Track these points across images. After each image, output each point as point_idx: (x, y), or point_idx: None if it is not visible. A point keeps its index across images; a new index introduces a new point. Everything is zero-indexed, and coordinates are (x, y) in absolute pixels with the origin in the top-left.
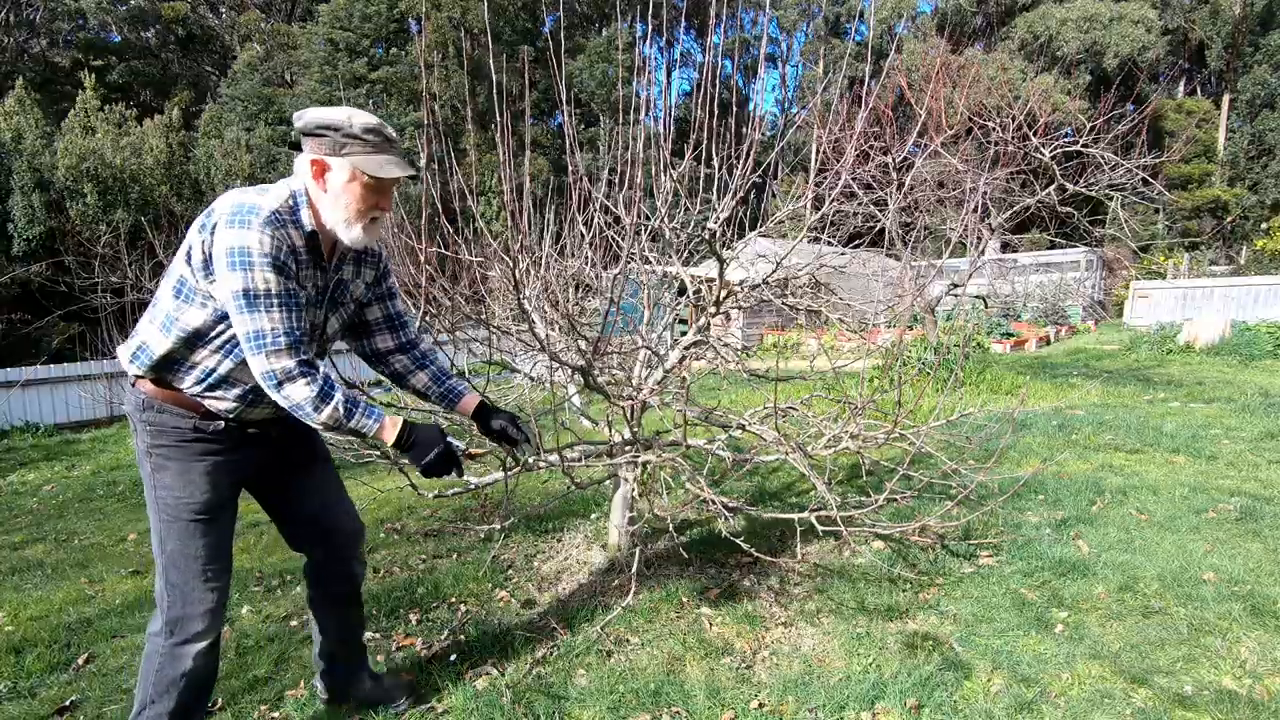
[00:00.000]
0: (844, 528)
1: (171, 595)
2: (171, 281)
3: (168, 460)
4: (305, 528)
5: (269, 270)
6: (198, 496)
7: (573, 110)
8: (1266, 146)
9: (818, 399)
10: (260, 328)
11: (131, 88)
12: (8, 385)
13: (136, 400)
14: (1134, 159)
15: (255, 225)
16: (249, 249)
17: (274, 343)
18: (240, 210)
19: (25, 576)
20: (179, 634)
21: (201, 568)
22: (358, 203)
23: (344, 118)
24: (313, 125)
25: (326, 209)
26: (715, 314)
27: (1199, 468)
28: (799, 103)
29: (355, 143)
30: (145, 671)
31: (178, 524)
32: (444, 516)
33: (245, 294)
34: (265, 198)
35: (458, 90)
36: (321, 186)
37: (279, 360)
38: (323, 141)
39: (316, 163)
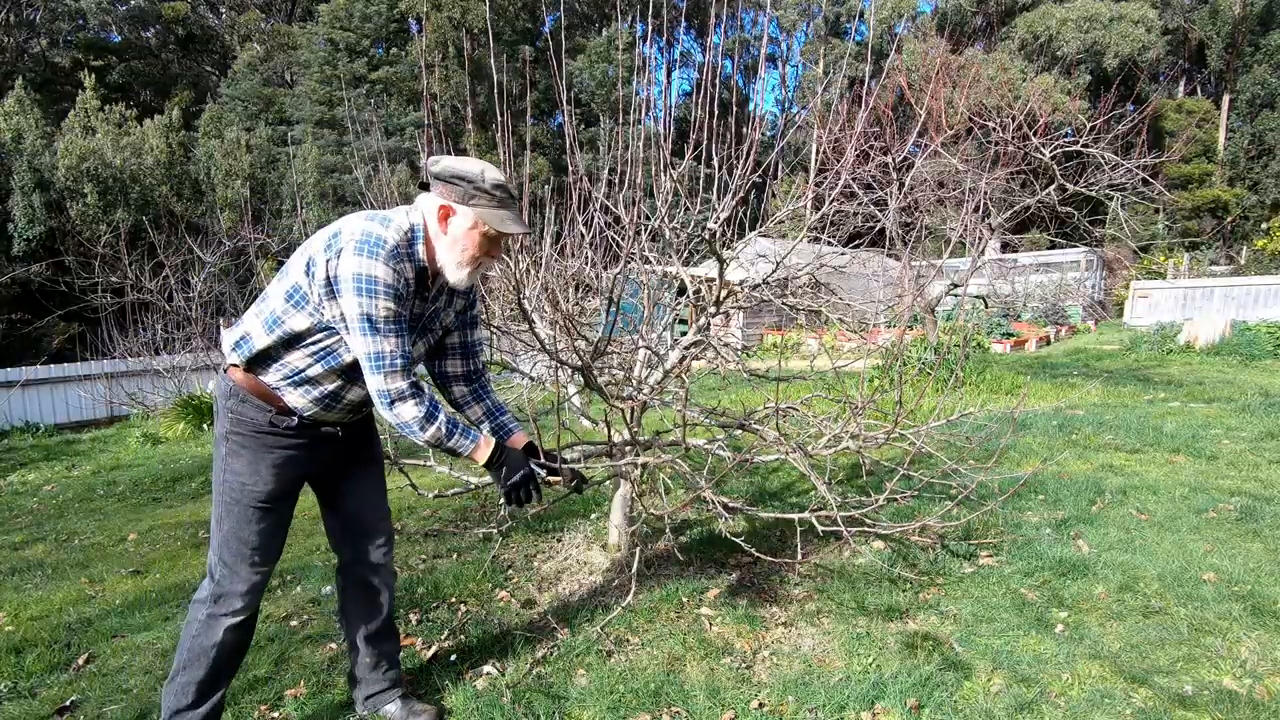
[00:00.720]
0: (844, 528)
1: (221, 570)
2: (286, 286)
3: (242, 448)
4: (343, 525)
5: (390, 299)
6: (261, 487)
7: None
8: (1266, 146)
9: (818, 399)
10: (381, 350)
11: (131, 88)
12: (8, 385)
13: (224, 387)
14: (1134, 159)
15: (382, 257)
16: (375, 279)
17: (392, 364)
18: (368, 240)
19: (25, 576)
20: (220, 606)
21: (251, 551)
22: (474, 249)
23: (478, 171)
24: (447, 173)
25: (443, 250)
26: (715, 314)
27: (1199, 468)
28: (799, 103)
29: (483, 196)
30: (184, 637)
31: (238, 507)
32: (444, 516)
33: (369, 319)
34: (389, 230)
35: (458, 90)
36: (443, 229)
37: (395, 381)
38: (454, 190)
39: (445, 208)
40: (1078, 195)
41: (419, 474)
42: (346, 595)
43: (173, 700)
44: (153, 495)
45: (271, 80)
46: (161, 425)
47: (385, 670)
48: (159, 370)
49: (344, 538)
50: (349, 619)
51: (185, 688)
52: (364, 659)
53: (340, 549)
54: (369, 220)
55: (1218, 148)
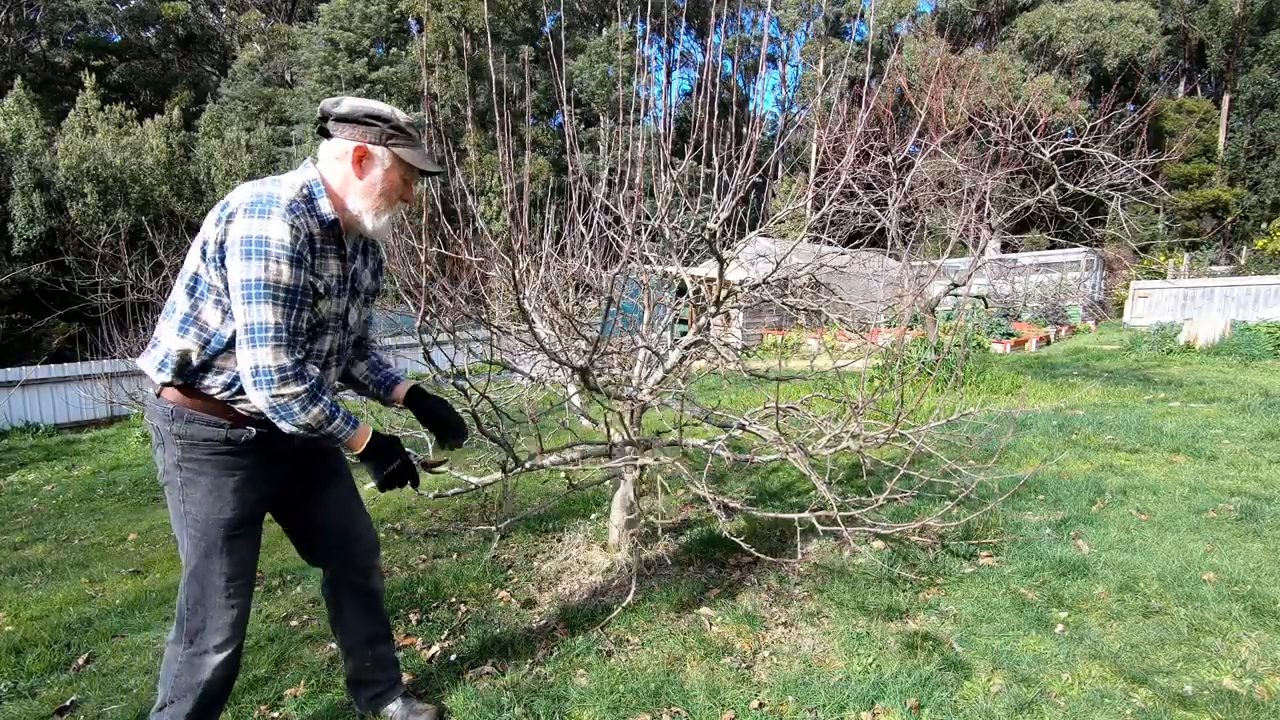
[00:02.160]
0: (844, 527)
1: (191, 608)
2: (185, 280)
3: (199, 474)
4: (325, 539)
5: (284, 263)
6: (228, 512)
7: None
8: (1266, 146)
9: (818, 399)
10: (264, 320)
11: (131, 88)
12: (8, 385)
13: (164, 411)
14: (1134, 159)
15: (275, 215)
16: (266, 238)
17: (276, 337)
18: (259, 200)
19: (25, 576)
20: (198, 644)
21: (225, 583)
22: (392, 192)
23: (389, 110)
24: (360, 113)
25: (357, 196)
26: (715, 314)
27: (1199, 467)
28: (799, 103)
29: (400, 135)
30: (165, 674)
31: (205, 540)
32: (444, 517)
33: (254, 283)
34: (280, 187)
35: (458, 90)
36: (357, 172)
37: (278, 357)
38: (369, 130)
39: (359, 149)
40: (1078, 195)
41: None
42: (340, 605)
43: None
44: (153, 495)
45: (271, 80)
46: None
47: (386, 670)
48: None
49: (329, 549)
50: (345, 627)
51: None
52: (364, 662)
53: (326, 561)
54: (259, 183)
55: (1218, 148)
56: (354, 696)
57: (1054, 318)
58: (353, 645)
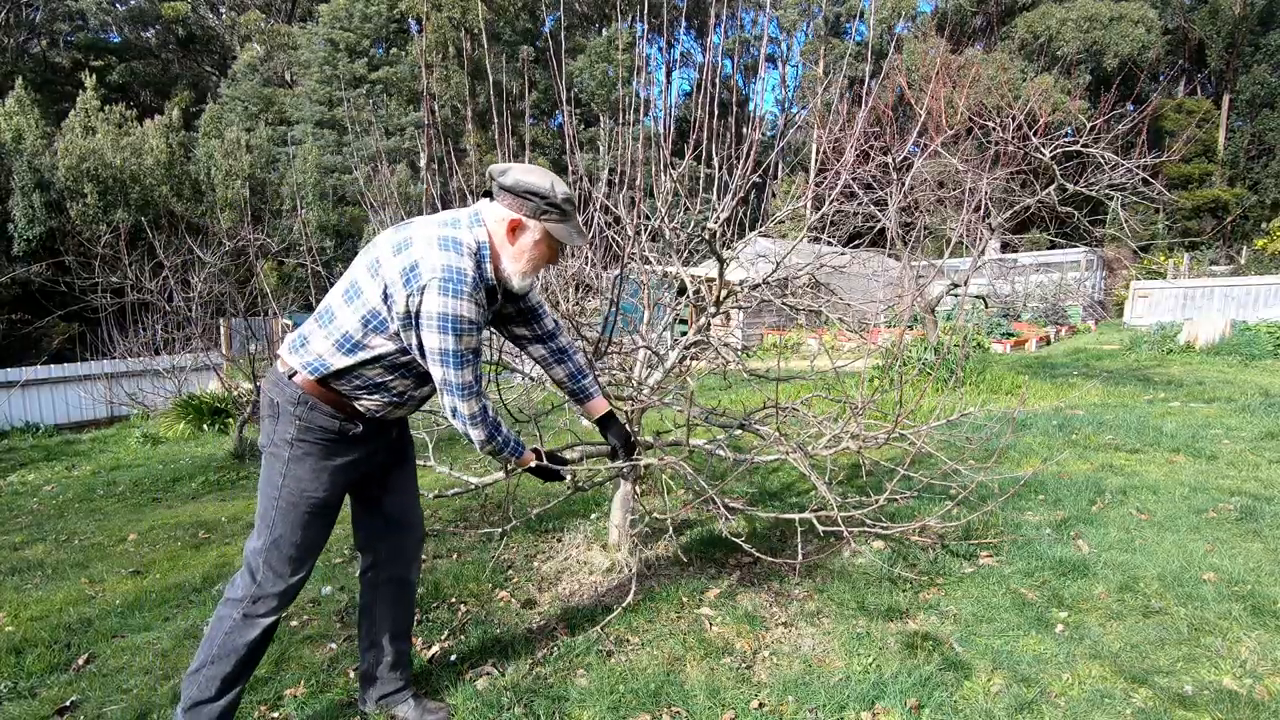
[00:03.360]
0: (844, 528)
1: (265, 573)
2: (360, 311)
3: (307, 455)
4: (383, 523)
5: (473, 334)
6: (322, 493)
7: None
8: (1266, 146)
9: (818, 399)
10: (464, 381)
11: (131, 88)
12: (8, 385)
13: (292, 394)
14: (1134, 159)
15: (466, 295)
16: (461, 318)
17: (472, 392)
18: (451, 279)
19: (25, 576)
20: (259, 607)
21: (302, 554)
22: (539, 260)
23: (548, 186)
24: (520, 188)
25: (508, 260)
26: (715, 314)
27: (1199, 467)
28: (799, 103)
29: (554, 211)
30: (213, 633)
31: (294, 512)
32: (444, 517)
33: (455, 354)
34: (465, 260)
35: (458, 90)
36: (510, 240)
37: (472, 406)
38: (525, 204)
39: (515, 222)
40: (1078, 195)
41: (419, 474)
42: (376, 594)
43: (196, 691)
44: (153, 495)
45: (271, 80)
46: (161, 425)
47: (401, 670)
48: (159, 370)
49: (383, 534)
50: (375, 618)
51: (210, 681)
52: (385, 658)
53: (375, 547)
54: (445, 250)
55: (1218, 148)
56: (364, 694)
57: (1054, 318)
58: (377, 637)
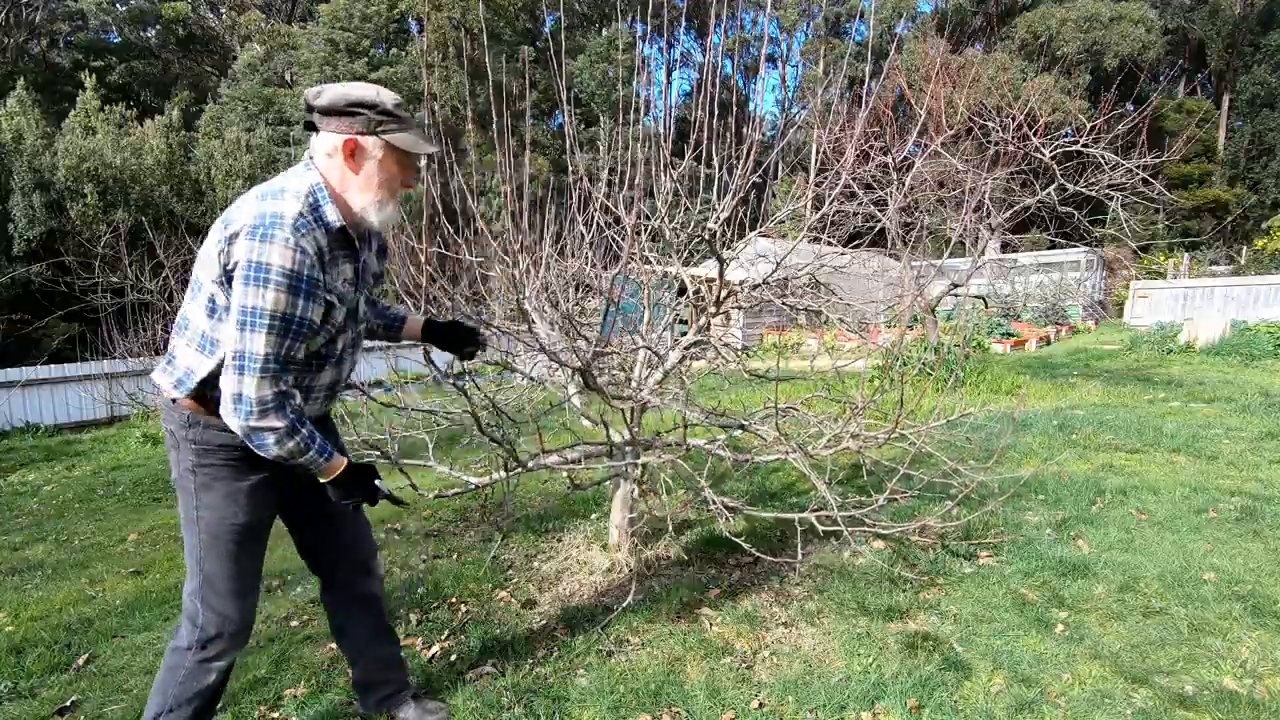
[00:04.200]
0: (844, 527)
1: (207, 615)
2: (203, 301)
3: (214, 479)
4: (330, 543)
5: (283, 290)
6: (241, 517)
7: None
8: (1266, 146)
9: (818, 399)
10: (254, 350)
11: (131, 88)
12: (8, 385)
13: (181, 418)
14: (1134, 159)
15: (279, 240)
16: (267, 265)
17: (263, 368)
18: (262, 222)
19: (26, 577)
20: (209, 650)
21: (240, 587)
22: (392, 182)
23: (374, 94)
24: (343, 102)
25: (357, 191)
26: (715, 314)
27: (1199, 467)
28: (799, 103)
29: (390, 120)
30: (165, 682)
31: (219, 544)
32: (444, 517)
33: (250, 310)
34: (285, 203)
35: (458, 90)
36: (352, 168)
37: (262, 388)
38: (356, 120)
39: (350, 142)
40: (1078, 195)
41: (419, 474)
42: (344, 613)
43: None
44: (153, 495)
45: (271, 80)
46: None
47: (394, 672)
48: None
49: (336, 554)
50: (350, 635)
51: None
52: (374, 665)
53: (331, 568)
54: (261, 200)
55: (1218, 148)
56: (362, 700)
57: (1054, 318)
58: (358, 651)
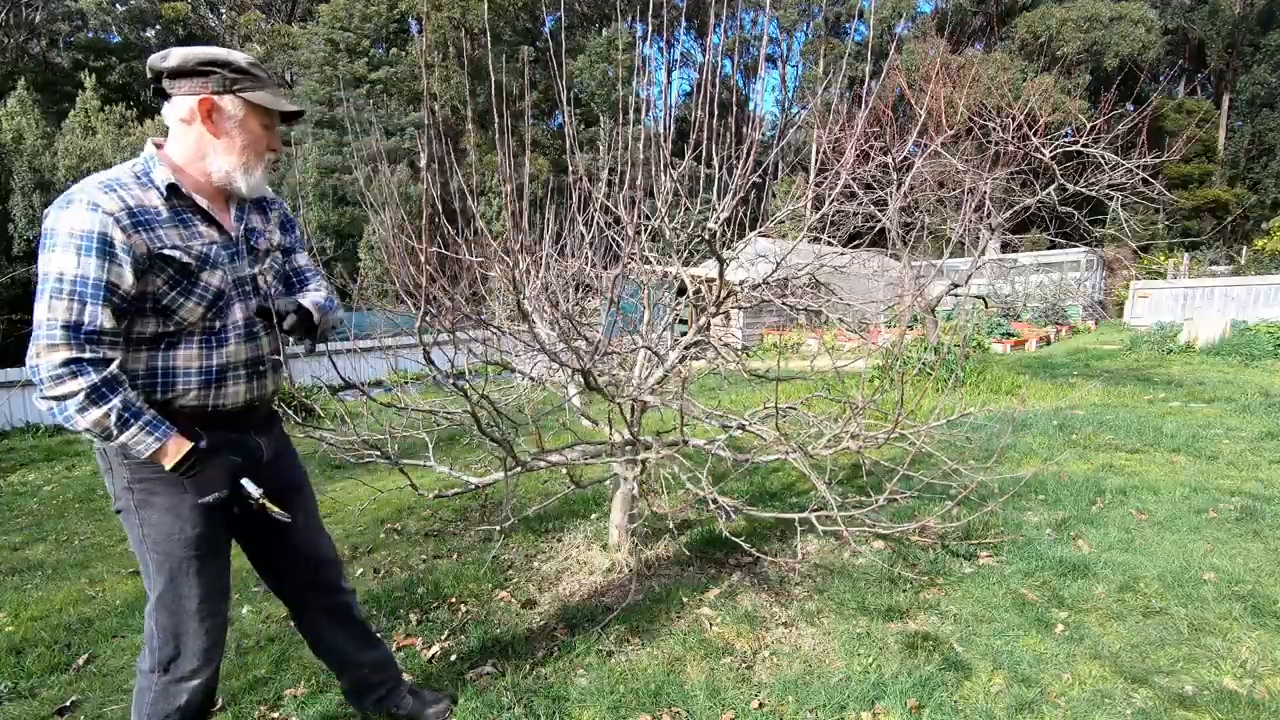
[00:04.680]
0: (844, 527)
1: (162, 636)
2: None
3: (152, 494)
4: (290, 560)
5: (70, 251)
6: (189, 531)
7: (573, 110)
8: (1266, 146)
9: (818, 399)
10: (41, 316)
11: (131, 88)
12: (8, 385)
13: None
14: (1134, 159)
15: (75, 203)
16: (55, 230)
17: (50, 333)
18: (70, 192)
19: (26, 577)
20: (172, 673)
21: (195, 608)
22: (256, 143)
23: (224, 53)
24: (193, 62)
25: (219, 155)
26: (715, 314)
27: (1199, 467)
28: (799, 103)
29: (245, 78)
30: (138, 704)
31: (170, 562)
32: (444, 517)
33: (47, 278)
34: (100, 176)
35: (458, 90)
36: (212, 130)
37: (51, 353)
38: (209, 80)
39: (205, 101)
40: (1078, 195)
41: (419, 474)
42: (314, 630)
43: None
44: None
45: (271, 80)
46: None
47: (384, 672)
48: None
49: (295, 571)
50: (332, 650)
51: None
52: (363, 670)
53: (291, 586)
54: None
55: (1218, 148)
56: (358, 705)
57: (1054, 318)
58: (342, 662)
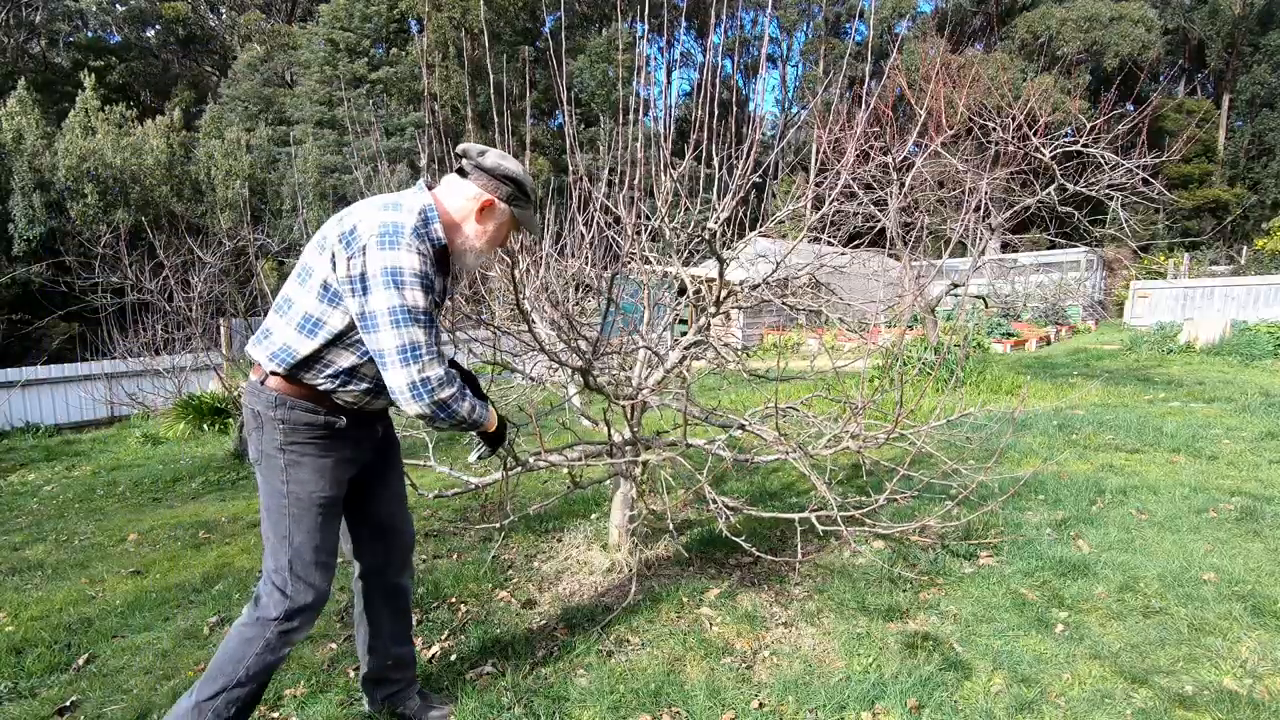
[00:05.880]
0: (844, 527)
1: (295, 585)
2: (315, 285)
3: (303, 455)
4: (377, 530)
5: (418, 288)
6: (328, 490)
7: (573, 110)
8: (1266, 146)
9: (818, 399)
10: (415, 340)
11: (132, 88)
12: (8, 385)
13: (268, 399)
14: (1134, 159)
15: (403, 245)
16: (401, 269)
17: (429, 353)
18: (388, 230)
19: (26, 577)
20: (294, 620)
21: (326, 555)
22: (498, 241)
23: (524, 174)
24: (499, 171)
25: (471, 237)
26: (715, 314)
27: (1199, 467)
28: (799, 103)
29: (524, 200)
30: (240, 655)
31: (308, 516)
32: (444, 517)
33: (400, 310)
34: (403, 214)
35: (458, 90)
36: (478, 220)
37: (432, 369)
38: (501, 187)
39: (489, 201)
40: (1078, 195)
41: (419, 474)
42: (372, 600)
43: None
44: (153, 495)
45: (271, 80)
46: (161, 425)
47: (404, 670)
48: (159, 370)
49: (375, 541)
50: (373, 624)
51: (230, 705)
52: (387, 661)
53: (369, 555)
54: (383, 210)
55: (1218, 148)
56: (369, 694)
57: (1054, 318)
58: (376, 642)
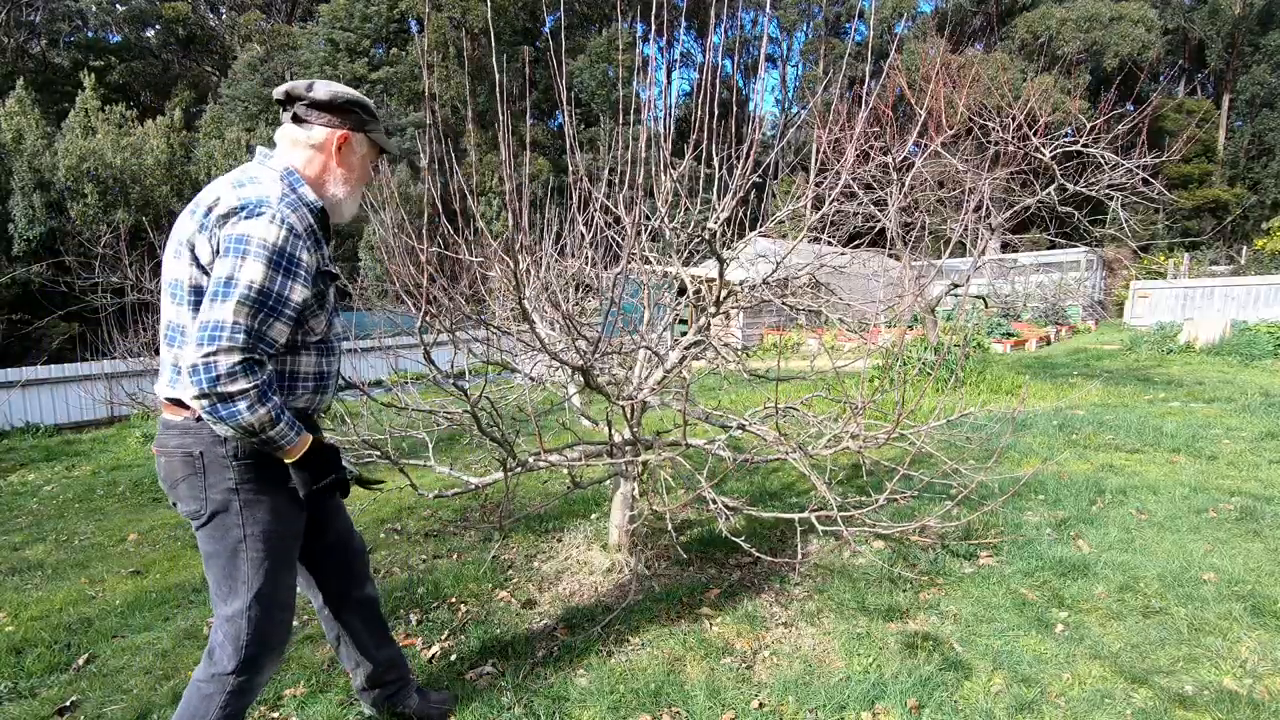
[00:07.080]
0: (844, 527)
1: (253, 636)
2: (186, 297)
3: (260, 491)
4: (329, 550)
5: (260, 263)
6: (290, 523)
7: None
8: (1266, 146)
9: (818, 399)
10: (219, 318)
11: (132, 88)
12: (8, 385)
13: (208, 434)
14: (1134, 159)
15: (264, 215)
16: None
17: (233, 337)
18: (248, 203)
19: (26, 577)
20: (252, 669)
21: (287, 597)
22: (364, 178)
23: (361, 95)
24: (341, 99)
25: (337, 183)
26: (715, 314)
27: (1199, 467)
28: (799, 103)
29: (372, 119)
30: (202, 711)
31: (271, 557)
32: (444, 517)
33: (223, 281)
34: (264, 186)
35: (458, 90)
36: (338, 160)
37: (231, 355)
38: (348, 117)
39: (343, 136)
40: (1078, 195)
41: (419, 474)
42: (347, 622)
43: None
44: (153, 495)
45: (271, 80)
46: None
47: (397, 670)
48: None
49: (335, 562)
50: (354, 640)
51: None
52: (378, 668)
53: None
54: (238, 187)
55: (1218, 148)
56: (366, 699)
57: (1054, 318)
58: (363, 657)
